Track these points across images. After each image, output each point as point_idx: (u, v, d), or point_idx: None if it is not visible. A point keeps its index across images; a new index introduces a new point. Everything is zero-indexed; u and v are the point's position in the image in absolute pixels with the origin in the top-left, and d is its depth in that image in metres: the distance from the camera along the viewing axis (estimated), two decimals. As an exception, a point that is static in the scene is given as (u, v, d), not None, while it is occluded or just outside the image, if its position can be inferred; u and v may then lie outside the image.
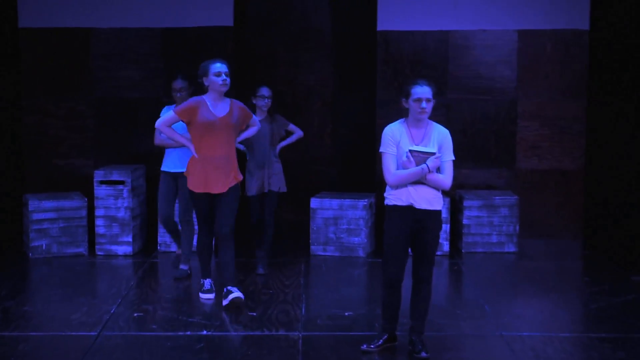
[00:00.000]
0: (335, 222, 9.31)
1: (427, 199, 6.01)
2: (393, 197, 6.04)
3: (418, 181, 5.97)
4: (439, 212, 6.09)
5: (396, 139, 6.01)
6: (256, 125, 7.55)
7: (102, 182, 9.28)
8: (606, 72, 9.93)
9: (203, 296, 7.59)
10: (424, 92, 5.96)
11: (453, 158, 6.08)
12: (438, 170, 6.00)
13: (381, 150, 6.06)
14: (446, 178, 6.02)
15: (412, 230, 6.03)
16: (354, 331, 6.69)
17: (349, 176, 11.15)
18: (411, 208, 6.00)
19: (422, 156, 5.90)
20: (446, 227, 9.26)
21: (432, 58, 10.09)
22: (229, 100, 7.23)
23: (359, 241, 9.28)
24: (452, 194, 9.85)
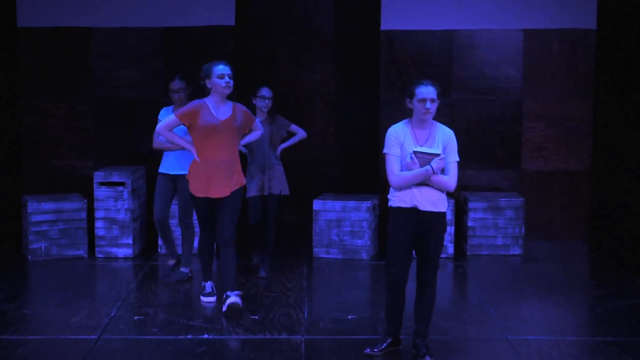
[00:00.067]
0: (338, 224, 9.31)
1: (432, 201, 6.01)
2: (397, 199, 6.05)
3: (422, 183, 5.97)
4: (444, 214, 6.09)
5: (400, 140, 6.01)
6: (259, 129, 7.50)
7: (102, 184, 9.29)
8: (613, 72, 9.92)
9: (204, 299, 7.60)
10: (428, 93, 5.96)
11: (458, 159, 6.08)
12: (442, 171, 6.00)
13: (385, 151, 6.07)
14: (451, 179, 6.02)
15: (416, 232, 6.03)
16: (357, 335, 6.69)
17: (352, 177, 11.15)
18: (415, 210, 6.00)
19: (427, 157, 5.90)
20: (451, 229, 9.25)
21: (437, 58, 10.09)
22: (232, 103, 7.18)
23: (362, 243, 9.29)
24: (457, 196, 9.85)
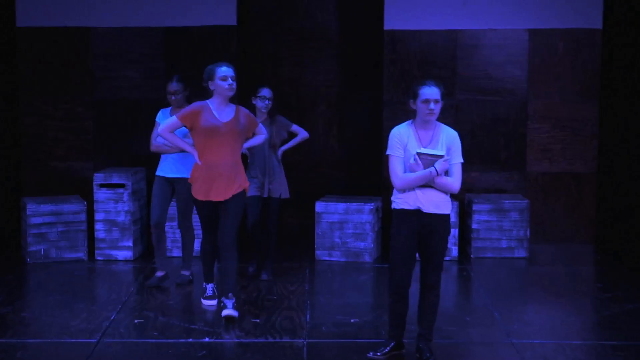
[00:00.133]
0: (341, 227, 9.31)
1: (435, 203, 6.01)
2: (400, 201, 6.05)
3: (426, 184, 5.97)
4: (448, 216, 6.09)
5: (403, 141, 6.01)
6: (263, 134, 7.43)
7: (102, 186, 9.30)
8: (620, 73, 9.92)
9: (205, 302, 7.60)
10: (432, 93, 5.96)
11: (462, 161, 6.08)
12: (446, 173, 6.01)
13: (388, 152, 6.07)
14: (455, 181, 6.02)
15: (420, 234, 6.04)
16: (360, 338, 6.70)
17: (355, 179, 11.15)
18: (419, 212, 6.00)
19: (430, 159, 5.90)
20: (455, 232, 9.26)
21: (441, 58, 10.10)
22: (235, 106, 7.13)
23: (365, 246, 9.29)
24: (461, 198, 9.85)
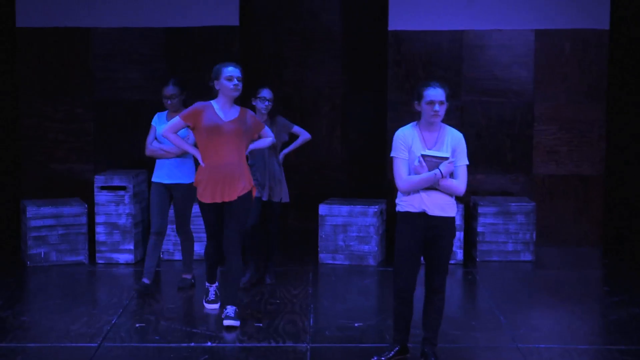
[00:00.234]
0: (344, 230, 9.32)
1: (440, 206, 6.02)
2: (405, 204, 6.06)
3: (431, 187, 5.97)
4: (453, 219, 6.10)
5: (408, 143, 6.02)
6: (269, 137, 7.37)
7: (103, 188, 9.31)
8: (627, 74, 9.94)
9: (208, 307, 7.59)
10: (437, 95, 5.97)
11: (467, 163, 6.09)
12: (451, 175, 6.02)
13: (392, 154, 6.08)
14: (460, 183, 6.03)
15: (425, 238, 6.04)
16: (364, 343, 6.71)
17: (359, 182, 11.17)
18: (424, 215, 6.01)
19: (435, 161, 5.91)
20: (460, 235, 9.26)
21: (446, 59, 10.11)
22: (239, 107, 7.14)
23: (369, 249, 9.30)
24: (466, 200, 9.86)
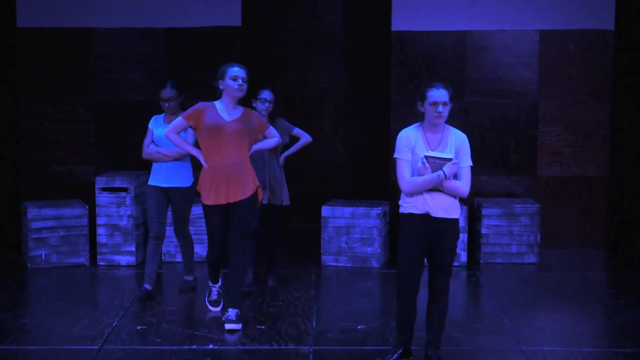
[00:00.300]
0: (347, 231, 9.33)
1: (444, 207, 6.02)
2: (408, 205, 6.06)
3: (434, 188, 5.98)
4: (457, 221, 6.10)
5: (411, 144, 6.03)
6: (275, 137, 7.34)
7: (104, 189, 9.32)
8: (632, 74, 9.93)
9: (210, 307, 7.59)
10: (441, 96, 5.97)
11: (471, 164, 6.09)
12: (455, 176, 6.02)
13: (395, 156, 6.08)
14: (464, 185, 6.03)
15: (428, 240, 6.05)
16: (367, 345, 6.71)
17: (362, 183, 11.17)
18: (427, 216, 6.01)
19: (439, 162, 5.92)
20: (464, 237, 9.27)
21: (449, 59, 10.11)
22: (243, 108, 7.13)
23: (373, 251, 9.31)
24: (470, 202, 9.86)
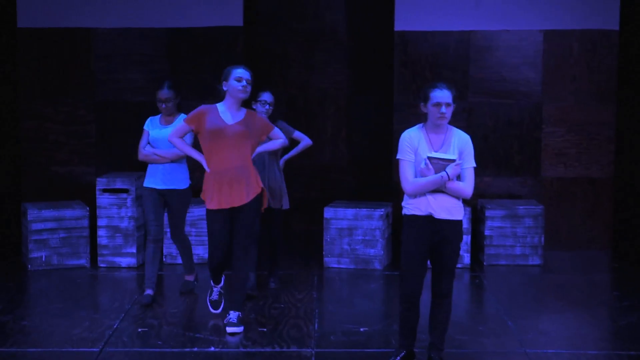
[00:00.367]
0: (350, 233, 9.33)
1: (447, 209, 6.03)
2: (411, 207, 6.06)
3: (437, 190, 5.98)
4: (460, 223, 6.11)
5: (414, 145, 6.03)
6: (280, 138, 7.31)
7: (105, 191, 9.33)
8: (637, 75, 9.93)
9: (211, 308, 7.57)
10: (444, 96, 5.97)
11: (474, 165, 6.09)
12: (458, 178, 6.02)
13: (398, 157, 6.09)
14: (467, 186, 6.03)
15: (431, 241, 6.05)
16: (370, 348, 6.71)
17: (365, 184, 11.17)
18: (430, 218, 6.02)
19: (442, 163, 5.92)
20: (467, 238, 9.26)
21: (453, 60, 10.11)
22: (245, 110, 7.10)
23: (375, 253, 9.31)
24: (474, 203, 9.87)
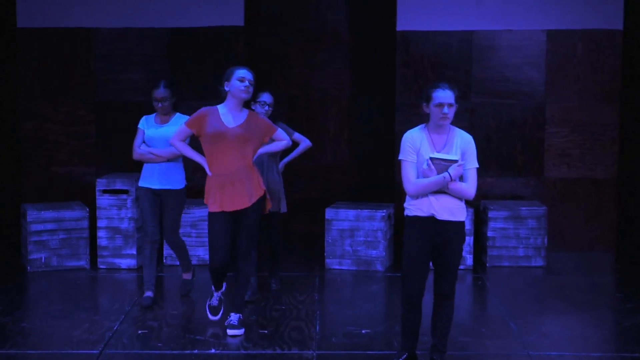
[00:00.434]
0: (351, 234, 9.33)
1: (450, 210, 6.02)
2: (413, 208, 6.06)
3: (440, 190, 5.98)
4: (462, 224, 6.10)
5: (416, 146, 6.03)
6: (283, 139, 7.26)
7: (105, 191, 9.33)
8: (641, 75, 9.94)
9: (210, 315, 7.49)
10: (446, 97, 5.97)
11: (477, 166, 6.09)
12: (461, 178, 6.02)
13: (400, 157, 6.08)
14: (470, 187, 6.03)
15: (434, 242, 6.05)
16: (372, 350, 6.71)
17: (367, 185, 11.18)
18: (432, 219, 6.01)
19: (444, 164, 5.92)
20: (470, 240, 9.26)
21: (455, 60, 10.11)
22: (247, 111, 7.07)
23: (377, 254, 9.31)
24: (476, 204, 9.86)
